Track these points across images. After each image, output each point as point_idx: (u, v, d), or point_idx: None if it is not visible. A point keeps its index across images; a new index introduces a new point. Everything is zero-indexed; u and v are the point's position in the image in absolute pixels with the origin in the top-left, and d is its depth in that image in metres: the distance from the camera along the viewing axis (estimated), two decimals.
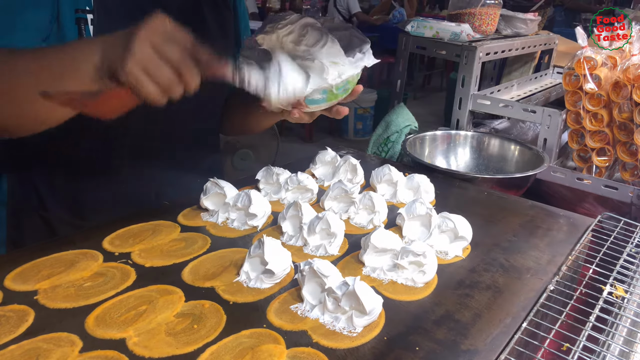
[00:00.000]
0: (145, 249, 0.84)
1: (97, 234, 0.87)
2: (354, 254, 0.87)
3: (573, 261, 0.90)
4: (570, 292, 0.81)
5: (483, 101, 1.59)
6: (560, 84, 2.07)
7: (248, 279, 0.77)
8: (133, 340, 0.63)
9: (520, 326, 0.71)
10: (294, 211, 0.92)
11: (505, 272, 0.85)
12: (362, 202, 0.99)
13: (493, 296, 0.79)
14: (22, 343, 0.62)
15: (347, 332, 0.68)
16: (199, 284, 0.76)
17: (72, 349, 0.61)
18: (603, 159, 1.45)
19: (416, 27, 1.66)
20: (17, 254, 0.81)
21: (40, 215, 1.02)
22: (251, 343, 0.64)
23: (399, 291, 0.78)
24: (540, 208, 1.12)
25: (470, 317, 0.73)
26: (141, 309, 0.69)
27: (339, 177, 1.15)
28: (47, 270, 0.76)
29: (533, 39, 1.94)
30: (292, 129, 5.51)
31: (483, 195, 1.18)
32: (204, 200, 0.97)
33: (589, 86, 1.39)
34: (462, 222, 0.91)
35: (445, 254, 0.89)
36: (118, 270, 0.78)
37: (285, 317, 0.70)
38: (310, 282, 0.73)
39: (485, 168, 1.53)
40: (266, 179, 1.09)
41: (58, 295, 0.71)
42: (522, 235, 0.99)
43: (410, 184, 1.11)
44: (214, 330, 0.66)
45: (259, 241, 0.78)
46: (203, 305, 0.71)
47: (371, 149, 1.68)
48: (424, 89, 7.96)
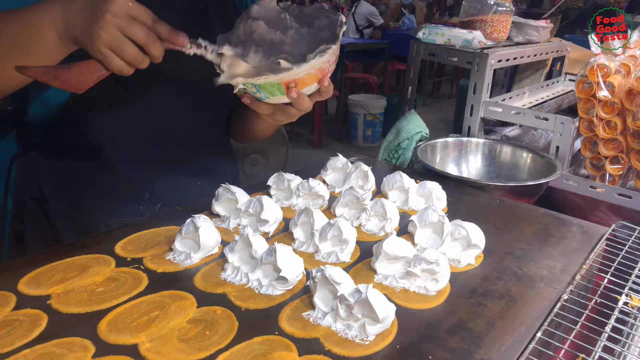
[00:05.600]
0: (158, 255, 0.84)
1: (110, 239, 0.88)
2: (366, 261, 0.87)
3: (587, 270, 0.89)
4: (585, 302, 0.80)
5: (495, 108, 1.59)
6: (572, 91, 2.06)
7: (260, 286, 0.77)
8: (145, 345, 0.63)
9: (535, 336, 0.70)
10: (305, 217, 0.92)
11: (519, 281, 0.85)
12: (373, 209, 0.99)
13: (506, 305, 0.78)
14: (35, 347, 0.62)
15: (359, 340, 0.67)
16: (210, 289, 0.76)
17: (84, 354, 0.61)
18: (616, 167, 1.43)
19: (428, 34, 1.66)
20: (30, 258, 0.81)
21: (41, 207, 1.04)
22: (263, 350, 0.64)
23: (412, 299, 0.78)
24: (553, 216, 1.11)
25: (483, 326, 0.72)
26: (153, 314, 0.69)
27: (350, 183, 1.15)
28: (60, 275, 0.77)
29: (545, 46, 1.93)
30: (302, 135, 5.53)
31: (495, 203, 1.17)
32: (215, 206, 0.98)
33: (603, 94, 1.38)
34: (475, 230, 0.90)
35: (457, 262, 0.88)
36: (130, 275, 0.78)
37: (297, 324, 0.69)
38: (322, 289, 0.73)
39: (496, 176, 1.52)
40: (277, 185, 1.09)
41: (71, 300, 0.71)
42: (535, 243, 0.98)
43: (422, 191, 1.11)
44: (226, 337, 0.66)
45: (271, 248, 0.78)
46: (215, 312, 0.71)
47: (382, 155, 1.68)
48: (433, 95, 7.96)
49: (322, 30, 0.87)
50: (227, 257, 0.81)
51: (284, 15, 0.88)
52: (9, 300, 0.70)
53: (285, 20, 0.88)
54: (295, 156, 3.95)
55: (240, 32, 0.87)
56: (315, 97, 0.89)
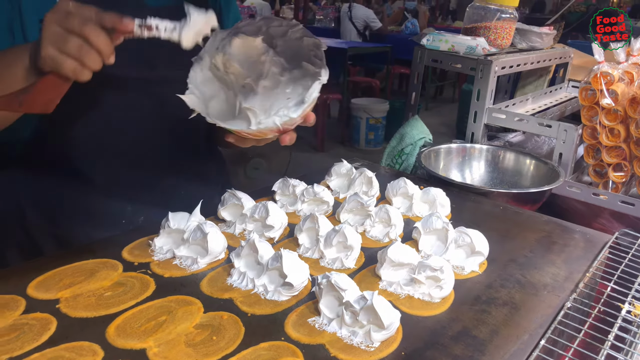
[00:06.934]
0: (165, 260, 0.85)
1: (116, 244, 0.89)
2: (371, 267, 0.88)
3: (590, 278, 0.89)
4: (588, 310, 0.81)
5: (498, 115, 1.59)
6: (575, 97, 2.06)
7: (265, 291, 0.78)
8: (153, 350, 0.64)
9: (538, 343, 0.70)
10: (310, 224, 0.92)
11: (522, 288, 0.85)
12: (378, 215, 1.00)
13: (510, 312, 0.78)
14: (45, 351, 0.63)
15: (364, 347, 0.68)
16: (217, 295, 0.77)
17: (94, 359, 0.62)
18: (619, 174, 1.44)
19: (432, 41, 1.67)
20: (39, 262, 0.82)
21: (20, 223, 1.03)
22: (269, 356, 0.64)
23: (416, 306, 0.78)
24: (556, 224, 1.12)
25: (487, 333, 0.73)
26: (161, 319, 0.70)
27: (354, 189, 1.16)
28: (69, 279, 0.77)
29: (548, 52, 1.93)
30: (304, 138, 5.53)
31: (498, 210, 1.18)
32: (221, 211, 0.98)
33: (606, 101, 1.39)
34: (479, 237, 0.91)
35: (461, 269, 0.89)
36: (137, 280, 0.79)
37: (302, 330, 0.70)
38: (327, 296, 0.74)
39: (500, 182, 1.53)
40: (282, 190, 1.10)
41: (79, 304, 0.72)
42: (538, 251, 0.99)
43: (425, 197, 1.11)
44: (233, 342, 0.66)
45: (277, 254, 0.79)
46: (222, 317, 0.71)
47: (385, 160, 1.69)
48: (435, 99, 7.96)
49: (303, 78, 0.83)
50: (234, 262, 0.82)
51: (264, 57, 0.84)
52: (18, 304, 0.71)
53: (263, 64, 0.84)
54: (298, 159, 3.95)
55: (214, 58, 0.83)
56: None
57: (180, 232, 0.87)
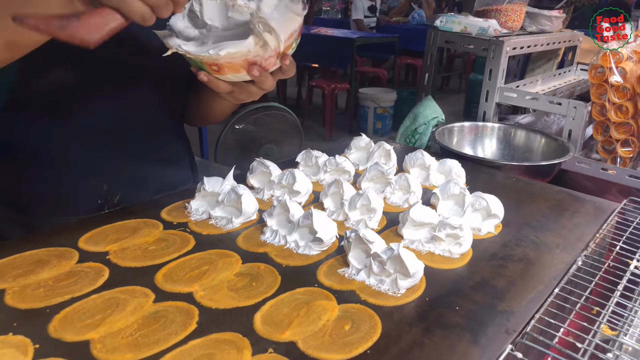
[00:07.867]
0: (202, 220, 0.91)
1: (155, 206, 0.95)
2: (393, 228, 0.93)
3: (600, 239, 0.95)
4: (599, 265, 0.86)
5: (510, 94, 1.64)
6: (583, 79, 2.11)
7: (297, 246, 0.84)
8: (199, 294, 0.70)
9: (553, 291, 0.76)
10: (335, 189, 0.98)
11: (536, 247, 0.90)
12: (398, 183, 1.05)
13: (525, 267, 0.84)
14: (102, 293, 0.69)
15: (392, 293, 0.73)
16: (253, 249, 0.83)
17: (146, 300, 0.68)
18: (627, 149, 1.49)
19: (445, 22, 1.72)
20: (85, 221, 0.88)
21: None
22: (306, 299, 0.70)
23: (437, 261, 0.84)
24: (566, 193, 1.17)
25: (504, 284, 0.79)
26: (203, 268, 0.76)
27: (373, 161, 1.21)
28: (114, 235, 0.84)
29: (558, 35, 1.98)
30: (312, 128, 5.58)
31: (511, 181, 1.23)
32: (250, 179, 1.04)
33: (615, 79, 1.43)
34: (495, 201, 0.96)
35: (478, 231, 0.94)
36: (178, 236, 0.85)
37: (334, 279, 0.76)
38: (355, 249, 0.79)
39: (511, 158, 1.58)
40: (305, 161, 1.16)
41: (127, 256, 0.78)
42: (550, 216, 1.04)
43: (442, 168, 1.17)
44: (271, 288, 0.72)
45: (307, 212, 0.84)
46: (259, 267, 0.77)
47: (399, 139, 1.74)
48: (442, 90, 7.99)
49: None
50: (266, 221, 0.88)
51: None
52: (72, 255, 0.77)
53: None
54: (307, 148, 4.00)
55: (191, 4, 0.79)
56: (277, 74, 0.83)
57: (215, 194, 0.92)
